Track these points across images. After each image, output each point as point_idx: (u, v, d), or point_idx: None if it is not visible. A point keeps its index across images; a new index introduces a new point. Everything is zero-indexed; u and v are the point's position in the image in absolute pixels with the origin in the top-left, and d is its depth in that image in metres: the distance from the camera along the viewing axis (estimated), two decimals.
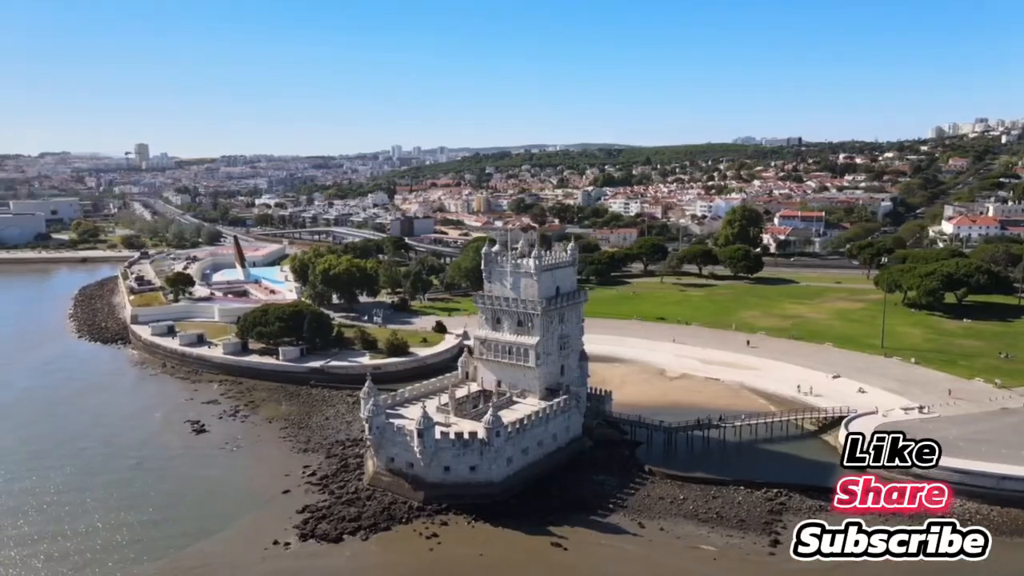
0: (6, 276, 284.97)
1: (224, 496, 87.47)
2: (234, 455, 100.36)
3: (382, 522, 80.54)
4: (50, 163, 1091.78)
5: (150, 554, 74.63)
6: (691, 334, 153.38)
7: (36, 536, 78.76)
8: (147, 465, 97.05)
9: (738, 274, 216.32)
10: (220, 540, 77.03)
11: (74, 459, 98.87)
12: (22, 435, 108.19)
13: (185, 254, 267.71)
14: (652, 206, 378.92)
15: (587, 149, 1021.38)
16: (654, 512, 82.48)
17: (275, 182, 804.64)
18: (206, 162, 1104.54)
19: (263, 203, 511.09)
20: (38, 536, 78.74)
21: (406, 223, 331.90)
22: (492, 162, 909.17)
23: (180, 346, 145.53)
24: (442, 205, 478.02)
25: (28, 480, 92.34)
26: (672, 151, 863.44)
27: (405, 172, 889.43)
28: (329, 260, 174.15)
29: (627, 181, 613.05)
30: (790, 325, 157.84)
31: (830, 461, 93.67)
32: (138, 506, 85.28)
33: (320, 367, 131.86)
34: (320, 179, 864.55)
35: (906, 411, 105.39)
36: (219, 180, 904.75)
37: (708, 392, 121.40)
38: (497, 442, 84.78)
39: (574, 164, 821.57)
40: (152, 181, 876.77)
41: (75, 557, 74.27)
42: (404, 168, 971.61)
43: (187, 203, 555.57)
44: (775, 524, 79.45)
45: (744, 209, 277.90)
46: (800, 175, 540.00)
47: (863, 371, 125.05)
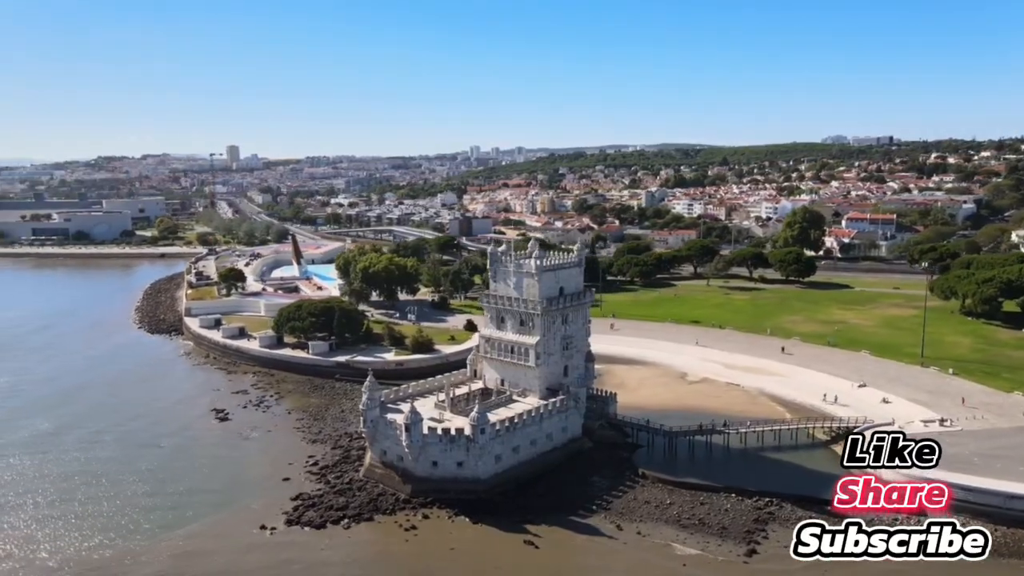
0: (93, 270, 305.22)
1: (226, 480, 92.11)
2: (247, 442, 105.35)
3: (367, 512, 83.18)
4: (151, 164, 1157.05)
5: (142, 530, 79.71)
6: (723, 338, 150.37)
7: (46, 502, 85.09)
8: (163, 447, 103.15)
9: (789, 278, 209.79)
10: (211, 522, 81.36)
11: (97, 440, 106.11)
12: (61, 415, 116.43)
13: (250, 251, 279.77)
14: (716, 208, 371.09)
15: (664, 149, 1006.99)
16: (636, 515, 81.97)
17: (352, 182, 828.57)
18: (291, 163, 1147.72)
19: (336, 203, 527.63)
20: (47, 503, 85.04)
21: (464, 223, 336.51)
22: (566, 163, 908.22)
23: (222, 338, 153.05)
24: (508, 205, 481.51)
25: (58, 456, 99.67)
26: (752, 151, 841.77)
27: (479, 172, 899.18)
28: (370, 258, 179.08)
29: (699, 182, 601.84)
30: (830, 331, 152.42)
31: (831, 472, 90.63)
32: (143, 485, 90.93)
33: (345, 361, 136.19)
34: (398, 179, 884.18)
35: (926, 423, 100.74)
36: (302, 180, 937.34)
37: (725, 397, 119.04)
38: (482, 439, 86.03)
39: (649, 165, 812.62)
40: (240, 181, 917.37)
41: (56, 527, 79.95)
42: (480, 168, 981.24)
43: (268, 202, 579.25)
44: (757, 533, 77.78)
45: (805, 211, 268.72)
46: (883, 175, 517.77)
47: (894, 381, 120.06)
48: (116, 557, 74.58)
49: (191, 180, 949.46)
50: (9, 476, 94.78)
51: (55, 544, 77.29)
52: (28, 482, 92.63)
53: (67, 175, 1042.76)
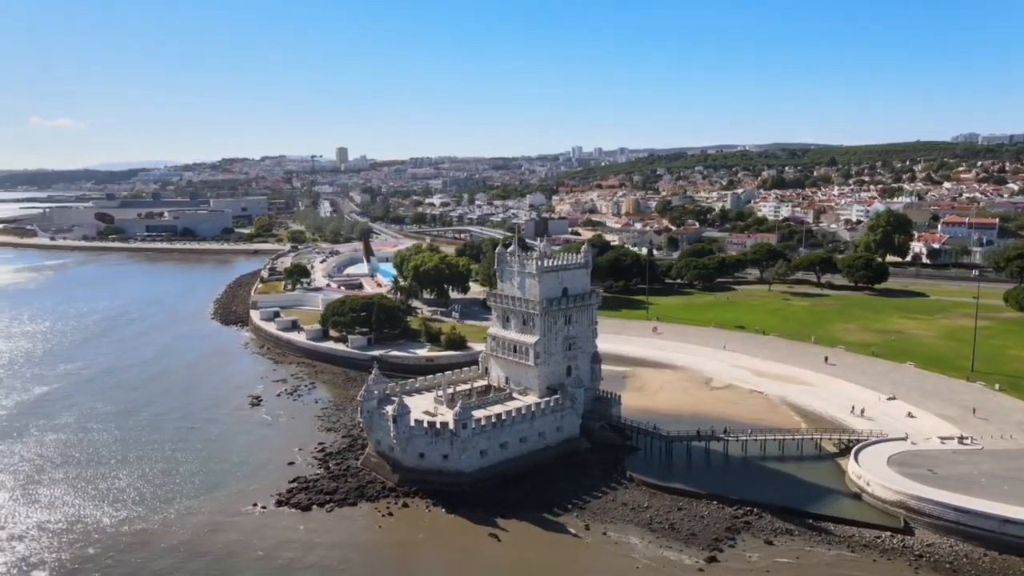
0: (194, 264, 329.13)
1: (236, 461, 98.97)
2: (268, 427, 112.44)
3: (352, 498, 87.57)
4: (268, 166, 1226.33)
5: (145, 501, 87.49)
6: (763, 345, 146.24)
7: (79, 472, 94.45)
8: (193, 428, 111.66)
9: (858, 284, 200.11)
10: (209, 499, 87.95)
11: (134, 419, 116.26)
12: (114, 396, 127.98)
13: (329, 249, 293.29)
14: (804, 210, 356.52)
15: (769, 150, 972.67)
16: (609, 517, 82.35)
17: (449, 183, 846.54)
18: (396, 164, 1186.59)
19: (429, 202, 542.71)
20: (80, 472, 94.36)
21: (540, 223, 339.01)
22: (665, 163, 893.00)
23: (276, 330, 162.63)
24: (594, 206, 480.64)
25: (99, 429, 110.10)
26: (865, 151, 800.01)
27: (576, 173, 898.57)
28: (422, 257, 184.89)
29: (800, 183, 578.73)
30: (883, 341, 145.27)
31: (825, 485, 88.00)
32: (161, 463, 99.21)
33: (380, 356, 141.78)
34: (497, 180, 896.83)
35: (943, 440, 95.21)
36: (404, 180, 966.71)
37: (744, 405, 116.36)
38: (464, 433, 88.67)
39: (750, 165, 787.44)
40: (345, 181, 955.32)
41: (71, 491, 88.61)
42: (578, 170, 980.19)
43: (365, 202, 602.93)
44: (725, 541, 76.69)
45: (890, 214, 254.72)
46: (1004, 176, 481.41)
47: (929, 395, 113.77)
48: (102, 526, 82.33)
49: (302, 180, 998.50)
50: (46, 449, 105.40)
51: (72, 511, 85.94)
52: (67, 451, 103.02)
53: (194, 176, 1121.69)
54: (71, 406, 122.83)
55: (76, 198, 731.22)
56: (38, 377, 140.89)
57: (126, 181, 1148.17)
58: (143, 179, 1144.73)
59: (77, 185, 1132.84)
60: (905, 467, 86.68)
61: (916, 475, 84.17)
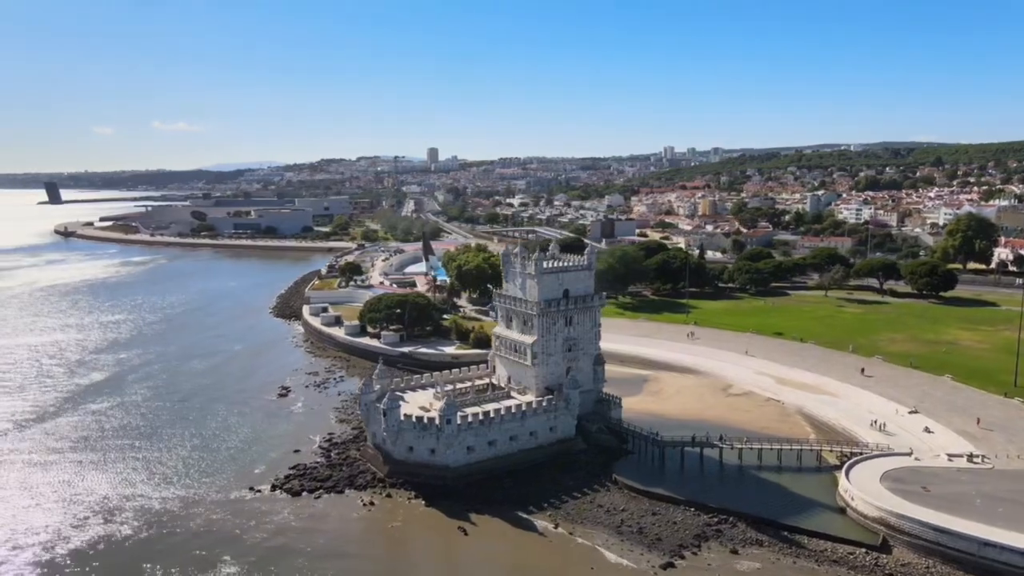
0: (274, 260, 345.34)
1: (245, 447, 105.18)
2: (287, 416, 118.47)
3: (341, 486, 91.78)
4: (362, 166, 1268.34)
5: (154, 478, 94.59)
6: (796, 352, 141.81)
7: (107, 448, 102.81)
8: (217, 414, 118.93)
9: (922, 291, 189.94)
10: (209, 480, 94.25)
11: (166, 403, 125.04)
12: (155, 383, 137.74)
13: (395, 247, 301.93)
14: (887, 213, 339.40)
15: (869, 149, 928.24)
16: (581, 518, 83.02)
17: (533, 183, 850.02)
18: (485, 164, 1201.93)
19: (508, 203, 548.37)
20: (108, 448, 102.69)
21: (607, 224, 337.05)
22: (756, 164, 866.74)
23: (319, 325, 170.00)
24: (671, 207, 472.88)
25: (133, 409, 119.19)
26: (977, 149, 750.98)
27: (662, 174, 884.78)
28: (466, 256, 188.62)
29: (897, 184, 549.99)
30: (928, 352, 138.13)
31: (813, 497, 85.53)
32: (180, 441, 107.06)
33: (408, 352, 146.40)
34: (584, 180, 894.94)
35: (951, 457, 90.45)
36: (491, 180, 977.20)
37: (756, 412, 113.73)
38: (448, 429, 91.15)
39: (848, 165, 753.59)
40: (433, 182, 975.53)
41: (95, 461, 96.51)
42: (666, 170, 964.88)
43: (447, 202, 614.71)
44: (690, 547, 76.24)
45: (971, 218, 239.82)
46: None
47: (957, 410, 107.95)
48: (103, 497, 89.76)
49: (392, 180, 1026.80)
50: (65, 429, 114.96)
51: (85, 484, 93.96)
52: (88, 433, 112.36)
53: (293, 176, 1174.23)
54: (114, 391, 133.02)
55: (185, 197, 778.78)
56: (95, 363, 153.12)
57: (232, 181, 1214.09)
58: (247, 179, 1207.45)
59: (190, 185, 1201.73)
60: (898, 483, 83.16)
61: (906, 492, 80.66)
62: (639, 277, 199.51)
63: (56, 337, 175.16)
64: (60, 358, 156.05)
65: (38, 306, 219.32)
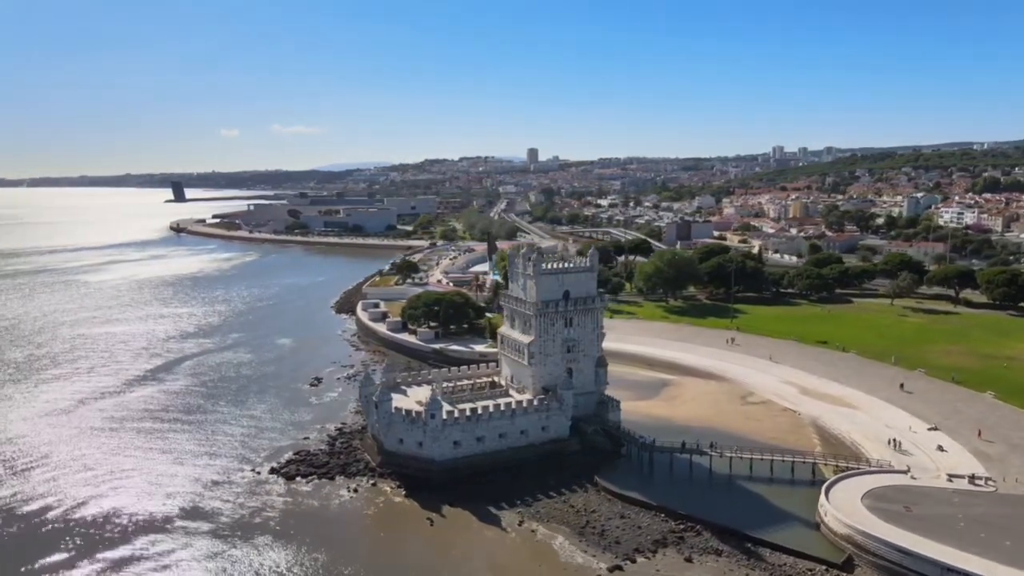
0: (358, 257, 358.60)
1: (261, 432, 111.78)
2: (310, 405, 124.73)
3: (333, 473, 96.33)
4: (464, 166, 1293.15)
5: (169, 453, 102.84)
6: (833, 362, 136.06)
7: (150, 428, 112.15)
8: (246, 401, 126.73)
9: (999, 302, 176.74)
10: (217, 461, 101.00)
11: (204, 388, 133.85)
12: (205, 372, 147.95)
13: (466, 246, 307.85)
14: (991, 217, 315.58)
15: (998, 148, 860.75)
16: (547, 517, 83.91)
17: (628, 183, 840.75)
18: (584, 164, 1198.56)
19: (597, 203, 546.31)
20: (150, 428, 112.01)
21: (683, 227, 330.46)
22: (868, 164, 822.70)
23: (367, 320, 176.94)
24: (761, 209, 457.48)
25: (182, 391, 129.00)
26: None
27: (765, 175, 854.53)
28: None
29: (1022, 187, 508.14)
30: (981, 367, 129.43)
31: (792, 511, 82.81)
32: (205, 425, 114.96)
33: (440, 348, 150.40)
34: (684, 181, 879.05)
35: (951, 478, 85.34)
36: (589, 181, 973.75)
37: (768, 422, 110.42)
38: (432, 423, 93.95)
39: (971, 165, 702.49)
40: (531, 182, 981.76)
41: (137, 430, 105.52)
42: (769, 171, 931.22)
43: (538, 202, 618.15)
44: (645, 552, 75.87)
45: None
46: None
47: (986, 428, 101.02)
48: (123, 470, 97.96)
49: (492, 180, 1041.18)
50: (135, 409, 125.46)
51: (103, 460, 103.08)
52: (129, 410, 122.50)
53: (398, 176, 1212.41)
54: (161, 378, 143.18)
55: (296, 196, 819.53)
56: (157, 351, 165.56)
57: (340, 180, 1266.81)
58: (355, 179, 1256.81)
59: (302, 184, 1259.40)
60: (880, 501, 79.39)
61: (884, 511, 76.96)
62: (691, 281, 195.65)
63: (132, 327, 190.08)
64: (129, 346, 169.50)
65: (127, 298, 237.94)
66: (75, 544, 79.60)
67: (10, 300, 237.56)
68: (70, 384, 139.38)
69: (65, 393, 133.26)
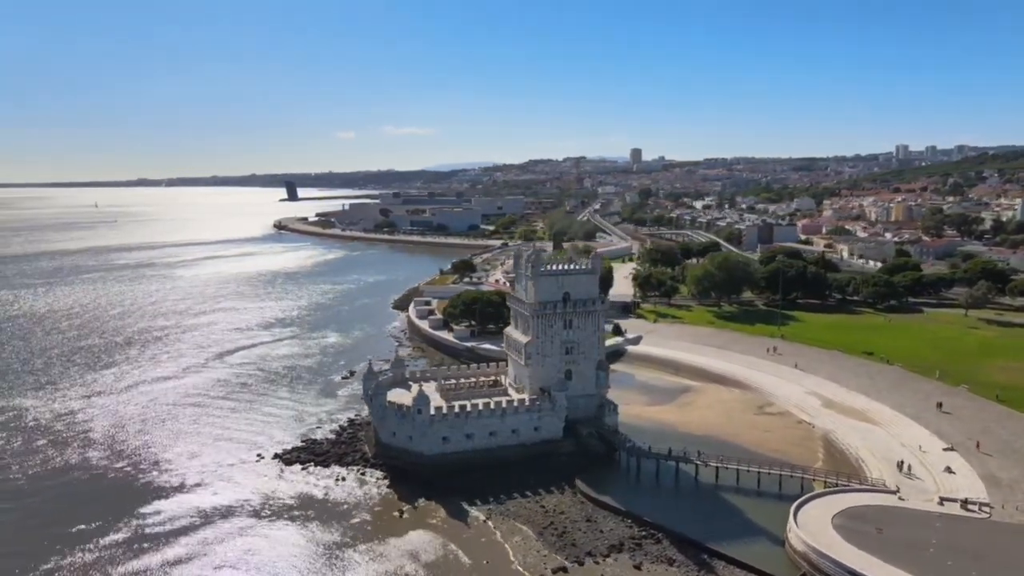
0: (442, 255, 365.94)
1: (278, 420, 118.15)
2: (335, 397, 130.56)
3: (329, 462, 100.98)
4: (566, 167, 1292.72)
5: (188, 435, 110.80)
6: (870, 375, 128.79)
7: (169, 413, 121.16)
8: (279, 392, 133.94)
9: None
10: (228, 444, 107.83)
11: (247, 378, 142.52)
12: (253, 363, 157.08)
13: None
14: None
15: None
16: (515, 515, 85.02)
17: (729, 184, 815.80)
18: (689, 165, 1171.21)
19: (691, 205, 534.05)
20: (169, 414, 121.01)
21: (765, 229, 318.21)
22: (999, 163, 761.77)
23: (414, 317, 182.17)
24: (861, 212, 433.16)
25: (223, 376, 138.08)
26: None
27: (879, 176, 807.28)
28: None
29: None
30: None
31: (763, 526, 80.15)
32: (238, 409, 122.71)
33: (472, 347, 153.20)
34: (794, 181, 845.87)
35: (943, 501, 79.83)
36: (693, 182, 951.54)
37: (776, 434, 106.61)
38: (419, 419, 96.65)
39: None
40: (633, 182, 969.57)
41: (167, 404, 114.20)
42: (886, 171, 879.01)
43: (631, 203, 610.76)
44: (597, 556, 75.80)
45: None
46: None
47: (1012, 452, 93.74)
48: (132, 447, 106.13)
49: (592, 180, 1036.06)
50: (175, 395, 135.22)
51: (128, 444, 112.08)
52: (170, 395, 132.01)
53: (501, 176, 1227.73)
54: (210, 367, 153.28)
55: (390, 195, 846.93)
56: (220, 341, 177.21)
57: (446, 180, 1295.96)
58: (460, 179, 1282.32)
59: (410, 184, 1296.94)
60: (851, 521, 75.70)
61: (851, 531, 73.37)
62: (746, 285, 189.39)
63: (199, 320, 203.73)
64: (189, 337, 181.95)
65: (209, 292, 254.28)
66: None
67: (105, 291, 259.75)
68: (119, 369, 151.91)
69: (115, 378, 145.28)
